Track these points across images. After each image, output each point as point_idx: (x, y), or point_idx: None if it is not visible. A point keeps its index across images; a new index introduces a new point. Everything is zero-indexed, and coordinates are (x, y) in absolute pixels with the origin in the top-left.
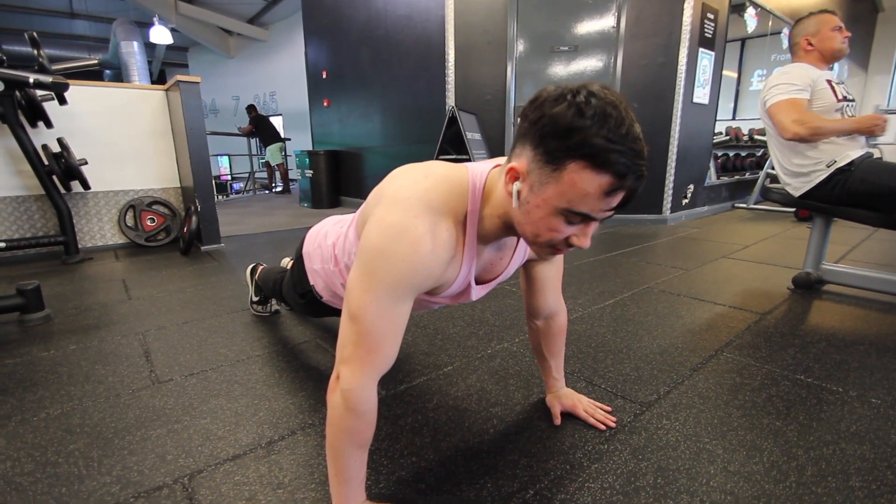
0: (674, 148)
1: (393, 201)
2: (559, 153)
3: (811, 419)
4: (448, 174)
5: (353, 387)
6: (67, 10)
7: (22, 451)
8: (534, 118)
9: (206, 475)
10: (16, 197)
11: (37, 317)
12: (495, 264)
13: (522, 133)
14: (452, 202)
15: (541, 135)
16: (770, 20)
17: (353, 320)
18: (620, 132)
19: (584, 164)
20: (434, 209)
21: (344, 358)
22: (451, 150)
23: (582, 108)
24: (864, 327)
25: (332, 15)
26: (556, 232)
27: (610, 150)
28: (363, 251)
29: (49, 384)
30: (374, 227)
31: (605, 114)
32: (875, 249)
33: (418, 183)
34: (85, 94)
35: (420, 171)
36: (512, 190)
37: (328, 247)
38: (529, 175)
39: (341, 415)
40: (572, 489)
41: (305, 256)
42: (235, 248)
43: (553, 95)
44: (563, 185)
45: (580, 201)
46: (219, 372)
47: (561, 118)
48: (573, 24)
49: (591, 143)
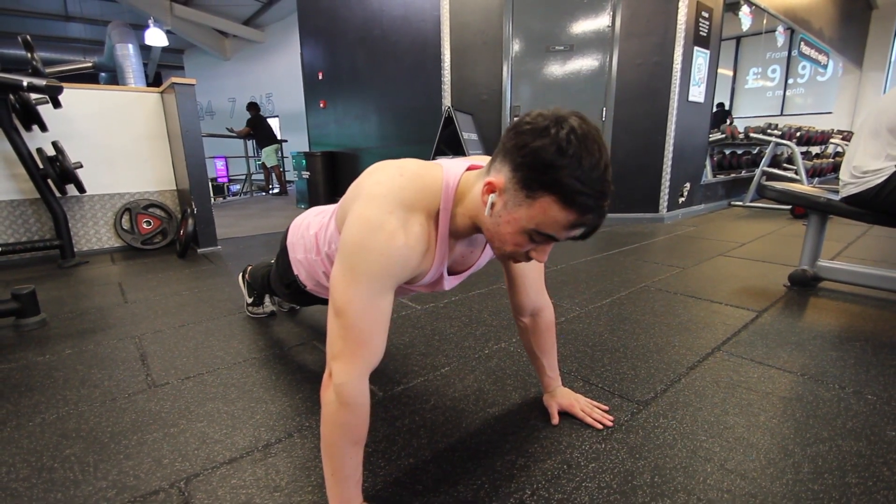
0: (670, 146)
1: (369, 198)
2: (535, 184)
3: (807, 416)
4: (422, 172)
5: (346, 381)
6: (62, 12)
7: (17, 457)
8: (517, 143)
9: (202, 479)
10: (11, 201)
11: (32, 321)
12: (467, 257)
13: (505, 151)
14: (425, 199)
15: (521, 162)
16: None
17: (340, 315)
18: (593, 175)
19: (555, 199)
20: (406, 205)
21: (334, 354)
22: (447, 150)
23: (562, 146)
24: (860, 324)
25: (328, 16)
26: (520, 246)
27: (579, 191)
28: (344, 246)
29: (45, 389)
30: (352, 223)
31: (581, 154)
32: (871, 246)
33: (393, 180)
34: (80, 97)
35: (395, 167)
36: (487, 201)
37: (310, 237)
38: (505, 192)
39: (335, 410)
40: (569, 489)
41: (289, 247)
42: (232, 250)
43: (538, 126)
44: (534, 211)
45: (546, 226)
46: (215, 375)
47: (542, 153)
48: (568, 24)
49: (564, 184)
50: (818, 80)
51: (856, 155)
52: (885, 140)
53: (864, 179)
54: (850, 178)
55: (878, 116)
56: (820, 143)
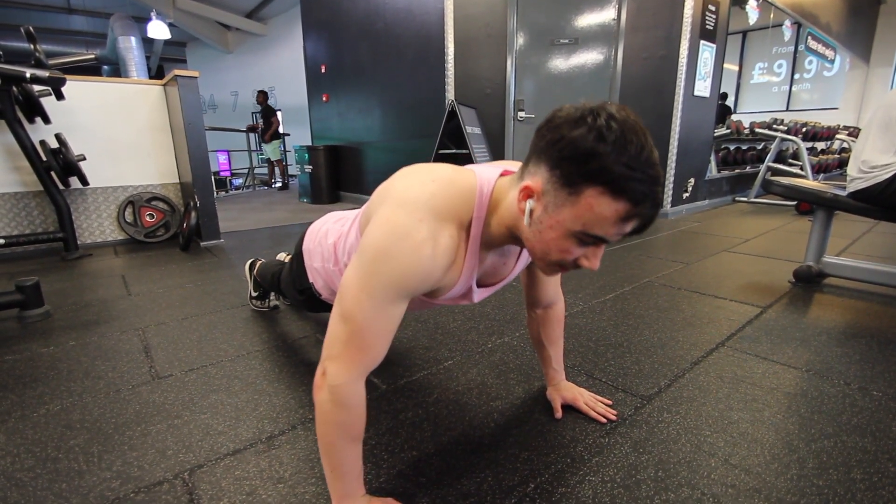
0: (674, 141)
1: (398, 202)
2: (577, 177)
3: (812, 412)
4: (455, 178)
5: (342, 383)
6: (65, 5)
7: (22, 447)
8: (552, 139)
9: (206, 470)
10: (14, 193)
11: (36, 313)
12: (499, 269)
13: (538, 151)
14: (457, 208)
15: (559, 157)
16: (772, 12)
17: (346, 318)
18: (640, 159)
19: (603, 189)
20: (438, 214)
21: (332, 355)
22: (450, 144)
23: (602, 132)
24: (866, 320)
25: (331, 9)
26: (567, 253)
27: (629, 177)
28: (364, 249)
29: (49, 380)
30: (377, 227)
31: (625, 139)
32: (876, 242)
33: (424, 185)
34: (82, 90)
35: (426, 172)
36: (525, 208)
37: (329, 246)
38: (544, 195)
39: (330, 410)
40: (573, 482)
41: (305, 253)
42: (235, 243)
43: (573, 117)
44: (580, 209)
45: (595, 225)
46: (219, 367)
47: (581, 142)
48: (573, 17)
49: (611, 170)
50: (825, 75)
51: (864, 150)
52: (893, 135)
53: (872, 174)
54: (858, 174)
55: (886, 111)
56: (826, 139)
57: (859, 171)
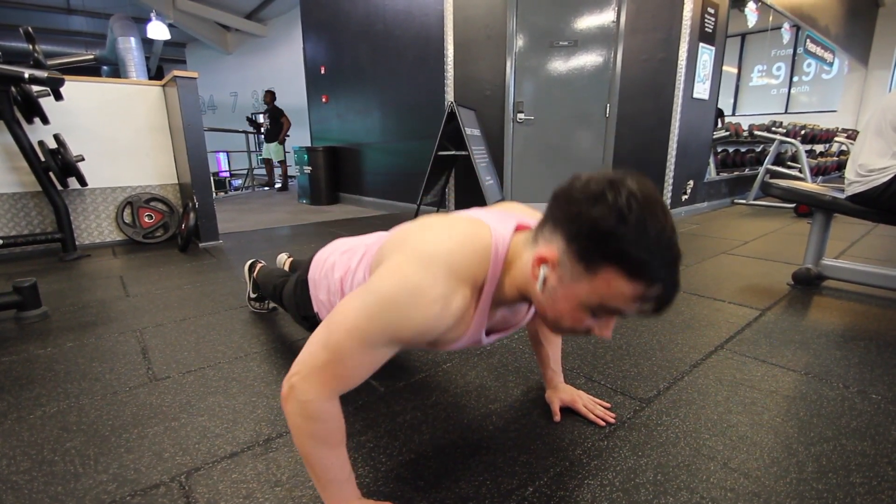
0: (673, 143)
1: (416, 254)
2: (594, 256)
3: (811, 415)
4: (472, 234)
5: (311, 399)
6: (64, 5)
7: (18, 450)
8: (570, 213)
9: (203, 473)
10: (12, 194)
11: (34, 314)
12: (509, 319)
13: (555, 219)
14: (473, 268)
15: (577, 233)
16: (770, 15)
17: (330, 347)
18: (661, 242)
19: (621, 271)
20: (454, 275)
21: (304, 374)
22: (449, 145)
23: (623, 212)
24: (865, 323)
25: (331, 10)
26: (580, 322)
27: (648, 261)
28: (371, 290)
29: (46, 382)
30: (390, 272)
31: (645, 220)
32: (875, 245)
33: (442, 242)
34: (81, 90)
35: (444, 227)
36: (539, 274)
37: (335, 280)
38: (560, 266)
39: (302, 423)
40: (572, 486)
41: (311, 283)
42: (234, 244)
43: (593, 192)
44: (596, 286)
45: (612, 301)
46: (216, 369)
47: (601, 222)
48: (573, 19)
49: (630, 254)
50: (823, 77)
51: (861, 153)
52: (890, 138)
53: (869, 178)
54: (855, 177)
55: (883, 114)
56: (824, 142)
57: (857, 174)
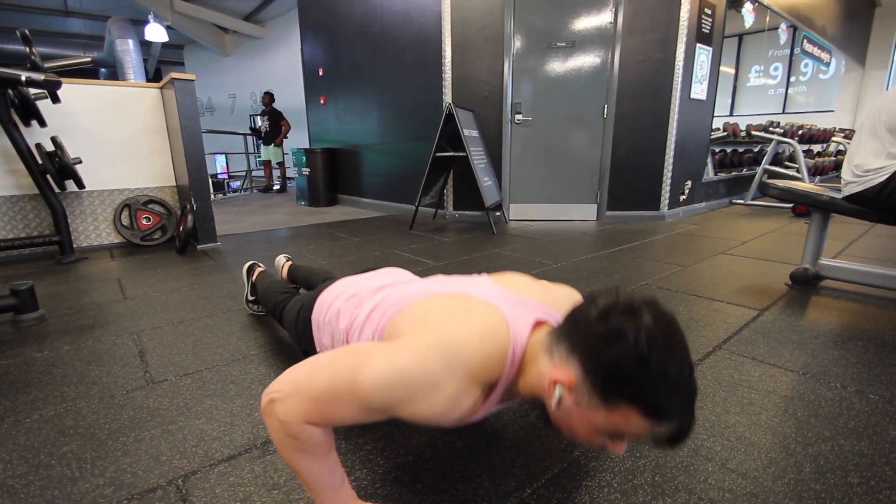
0: (671, 144)
1: (440, 344)
2: (613, 394)
3: (809, 415)
4: (492, 332)
5: (290, 421)
6: (62, 8)
7: (14, 454)
8: (588, 344)
9: (200, 476)
10: (10, 196)
11: (31, 317)
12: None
13: (572, 344)
14: (490, 371)
15: (595, 367)
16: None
17: (326, 388)
18: (679, 385)
19: (638, 411)
20: (471, 376)
21: (288, 395)
22: (447, 146)
23: (643, 355)
24: (862, 323)
25: (329, 11)
26: (593, 440)
27: (666, 404)
28: (389, 361)
29: (42, 385)
30: (412, 354)
31: (665, 364)
32: (873, 245)
33: (466, 338)
34: (79, 93)
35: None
36: (554, 394)
37: (340, 330)
38: (576, 391)
39: (284, 438)
40: (570, 487)
41: (315, 324)
42: (232, 246)
43: (612, 330)
44: (613, 418)
45: (627, 430)
46: (214, 372)
47: (620, 364)
48: (570, 20)
49: (649, 398)
50: (820, 77)
51: (857, 153)
52: (884, 138)
53: (865, 178)
54: (851, 177)
55: (877, 114)
56: (822, 142)
57: (853, 174)
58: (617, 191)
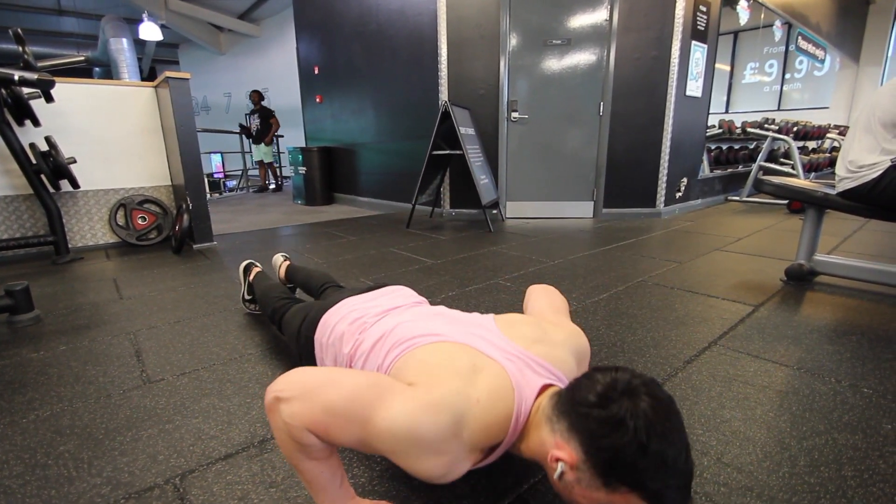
0: (667, 141)
1: (451, 409)
2: (613, 479)
3: (804, 409)
4: (499, 397)
5: (295, 425)
6: (55, 6)
7: (10, 454)
8: (589, 428)
9: (197, 475)
10: (4, 197)
11: (26, 318)
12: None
13: (571, 420)
14: (492, 438)
15: (596, 453)
16: (762, 13)
17: (337, 408)
18: (677, 469)
19: (638, 496)
20: (473, 443)
21: (296, 398)
22: (444, 145)
23: (643, 443)
24: (857, 317)
25: (324, 10)
26: None
27: (664, 490)
28: (402, 412)
29: (38, 385)
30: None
31: (664, 452)
32: (867, 240)
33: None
34: (73, 92)
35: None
36: (556, 468)
37: (344, 356)
38: (577, 470)
39: (287, 439)
40: None
41: (317, 344)
42: (228, 246)
43: (612, 417)
44: (614, 498)
45: None
46: (211, 371)
47: (621, 453)
48: (566, 18)
49: (647, 484)
50: (815, 74)
51: (851, 150)
52: (879, 134)
53: (859, 174)
54: (846, 173)
55: (871, 111)
56: (817, 138)
57: (847, 170)
58: (613, 188)
